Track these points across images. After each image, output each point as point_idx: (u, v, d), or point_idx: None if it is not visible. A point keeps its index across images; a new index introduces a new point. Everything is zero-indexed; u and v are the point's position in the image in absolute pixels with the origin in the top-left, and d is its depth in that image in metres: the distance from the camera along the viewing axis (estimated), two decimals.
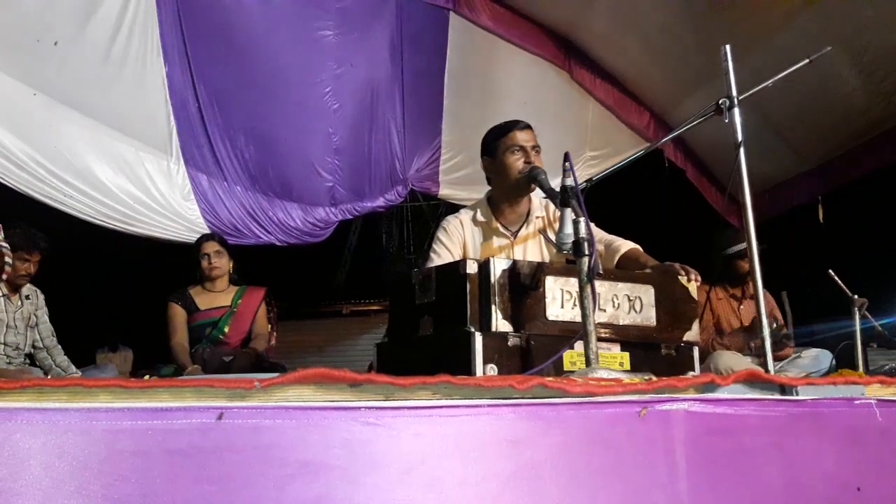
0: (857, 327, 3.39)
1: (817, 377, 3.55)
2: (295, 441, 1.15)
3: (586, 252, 1.89)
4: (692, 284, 2.34)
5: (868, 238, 5.62)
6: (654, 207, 6.98)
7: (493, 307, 1.99)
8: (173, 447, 1.09)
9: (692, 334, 2.30)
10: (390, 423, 1.22)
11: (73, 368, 4.38)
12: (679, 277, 2.34)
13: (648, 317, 2.22)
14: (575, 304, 2.07)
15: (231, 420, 1.11)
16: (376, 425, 1.21)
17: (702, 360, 3.84)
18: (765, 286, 2.20)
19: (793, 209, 6.48)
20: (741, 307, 4.20)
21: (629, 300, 2.19)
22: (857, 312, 3.45)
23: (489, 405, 1.32)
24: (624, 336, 2.18)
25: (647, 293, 2.23)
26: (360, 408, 1.21)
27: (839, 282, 3.55)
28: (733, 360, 3.66)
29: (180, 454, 1.09)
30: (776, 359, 4.01)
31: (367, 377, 1.27)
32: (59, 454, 1.04)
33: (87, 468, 1.05)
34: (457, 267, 2.08)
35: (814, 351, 3.95)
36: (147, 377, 3.81)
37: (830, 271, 3.57)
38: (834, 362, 3.76)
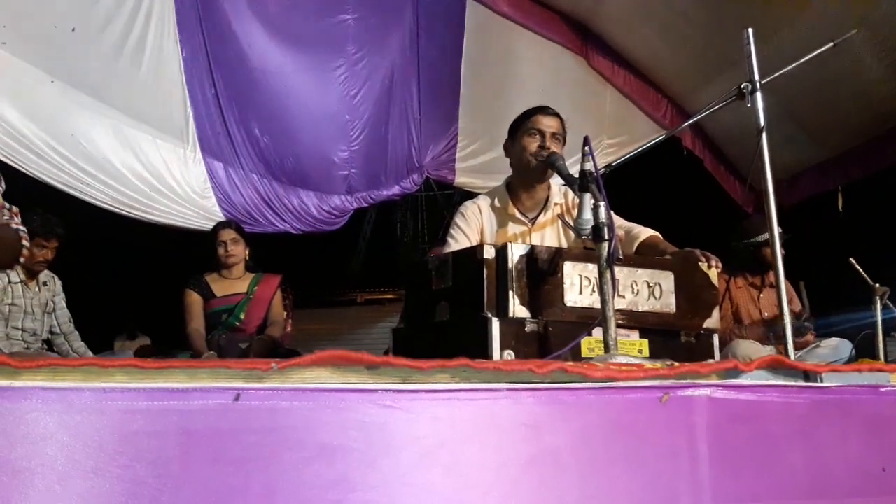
0: (879, 316, 3.34)
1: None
2: (312, 423, 1.14)
3: (606, 237, 1.86)
4: (713, 271, 2.31)
5: (888, 227, 5.54)
6: (671, 196, 6.91)
7: (511, 293, 1.97)
8: (190, 428, 1.08)
9: (712, 321, 2.27)
10: (408, 407, 1.21)
11: (90, 354, 4.40)
12: (700, 264, 2.30)
13: (668, 303, 2.19)
14: (593, 291, 2.05)
15: (248, 401, 1.10)
16: (394, 408, 1.19)
17: (721, 349, 3.81)
18: (785, 276, 2.17)
19: (812, 198, 6.42)
20: (761, 296, 4.15)
21: (648, 286, 2.16)
22: (879, 301, 3.40)
23: (508, 389, 1.30)
24: (643, 323, 2.15)
25: (666, 280, 2.20)
26: (377, 390, 1.19)
27: (860, 270, 3.50)
28: (752, 349, 3.62)
29: (197, 435, 1.08)
30: (796, 347, 3.98)
31: (384, 360, 1.25)
32: (74, 434, 1.04)
33: (103, 448, 1.04)
34: (474, 252, 2.06)
35: (834, 340, 3.90)
36: None
37: (852, 259, 3.52)
38: (854, 352, 3.72)
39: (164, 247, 5.74)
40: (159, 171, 4.80)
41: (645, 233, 2.72)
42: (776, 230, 2.17)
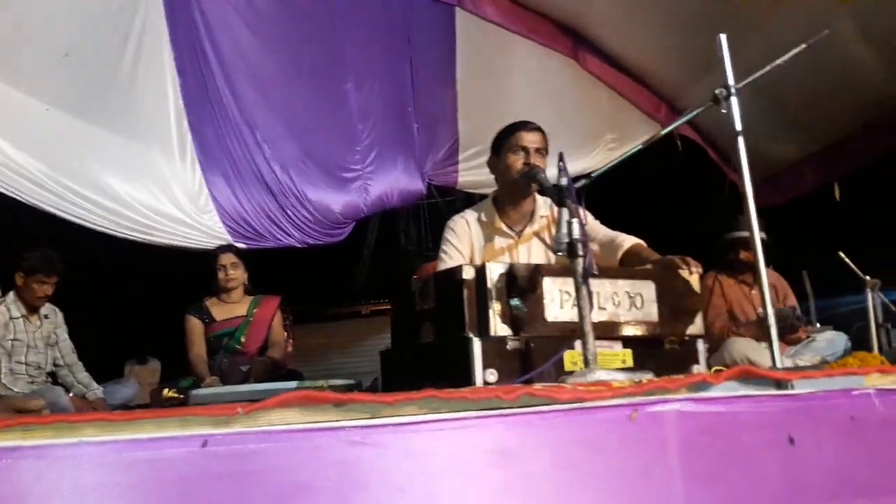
0: (870, 308, 3.35)
1: (833, 360, 3.53)
2: (280, 464, 1.17)
3: (580, 253, 1.89)
4: (694, 277, 2.33)
5: (886, 216, 5.51)
6: (672, 189, 6.87)
7: (491, 312, 2.00)
8: (159, 477, 1.11)
9: (696, 327, 2.28)
10: (377, 441, 1.23)
11: (95, 385, 4.45)
12: (680, 271, 2.32)
13: (650, 313, 2.21)
14: (573, 305, 2.07)
15: (215, 447, 1.13)
16: (363, 444, 1.22)
17: (718, 349, 3.82)
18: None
19: (809, 189, 6.40)
20: (753, 292, 4.14)
21: (629, 297, 2.19)
22: (870, 293, 3.40)
23: (477, 417, 1.33)
24: (625, 333, 2.17)
25: (647, 289, 2.22)
26: (345, 427, 1.22)
27: (850, 264, 3.50)
28: (748, 347, 3.63)
29: (167, 484, 1.11)
30: (791, 342, 3.99)
31: (350, 396, 1.28)
32: (49, 490, 1.07)
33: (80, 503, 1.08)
34: (454, 273, 2.09)
35: (829, 333, 3.90)
36: (167, 391, 3.88)
37: (841, 253, 3.52)
38: (849, 344, 3.72)
39: (173, 268, 5.75)
40: (160, 191, 4.76)
41: (628, 241, 2.74)
42: (756, 233, 2.16)
